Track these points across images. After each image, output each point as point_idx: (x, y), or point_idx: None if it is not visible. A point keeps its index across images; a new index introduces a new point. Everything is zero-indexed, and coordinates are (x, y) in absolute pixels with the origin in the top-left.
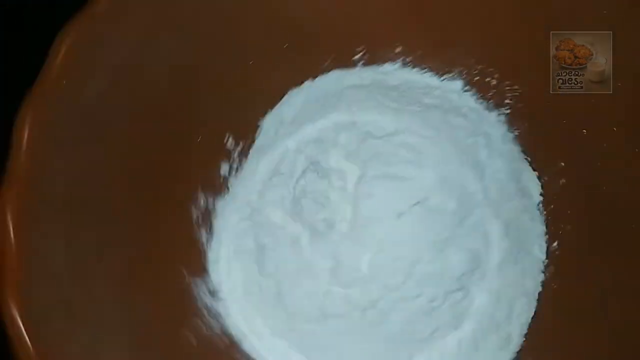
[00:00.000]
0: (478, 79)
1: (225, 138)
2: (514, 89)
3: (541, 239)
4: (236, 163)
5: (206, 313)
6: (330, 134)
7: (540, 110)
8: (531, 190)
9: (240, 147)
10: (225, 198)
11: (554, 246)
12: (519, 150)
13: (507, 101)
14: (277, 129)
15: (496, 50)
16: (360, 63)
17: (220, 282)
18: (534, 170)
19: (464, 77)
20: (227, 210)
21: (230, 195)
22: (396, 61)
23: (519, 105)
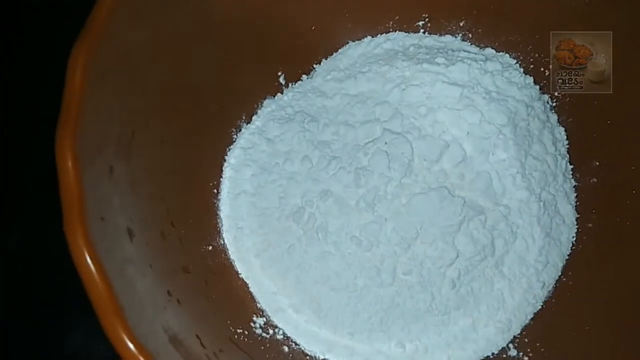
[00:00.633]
0: (533, 67)
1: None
2: None
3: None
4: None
5: None
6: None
7: (586, 107)
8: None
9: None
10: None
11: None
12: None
13: (556, 94)
14: (329, 74)
15: None
16: (422, 30)
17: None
18: (570, 164)
19: (520, 62)
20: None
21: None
22: (457, 34)
23: (567, 99)
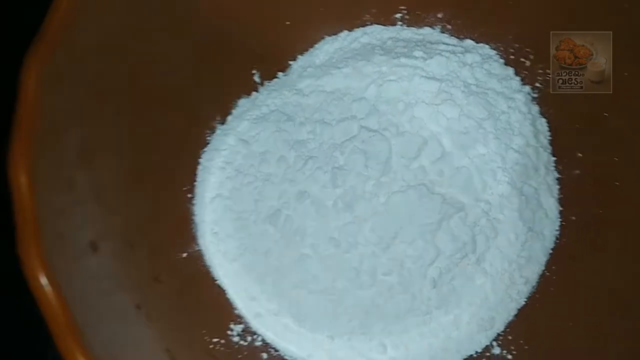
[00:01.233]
0: (513, 57)
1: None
2: (546, 72)
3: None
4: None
5: None
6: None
7: (568, 98)
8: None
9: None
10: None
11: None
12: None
13: (538, 85)
14: (305, 70)
15: (535, 31)
16: (400, 23)
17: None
18: (553, 156)
19: (500, 54)
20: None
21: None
22: (436, 26)
23: (548, 89)
